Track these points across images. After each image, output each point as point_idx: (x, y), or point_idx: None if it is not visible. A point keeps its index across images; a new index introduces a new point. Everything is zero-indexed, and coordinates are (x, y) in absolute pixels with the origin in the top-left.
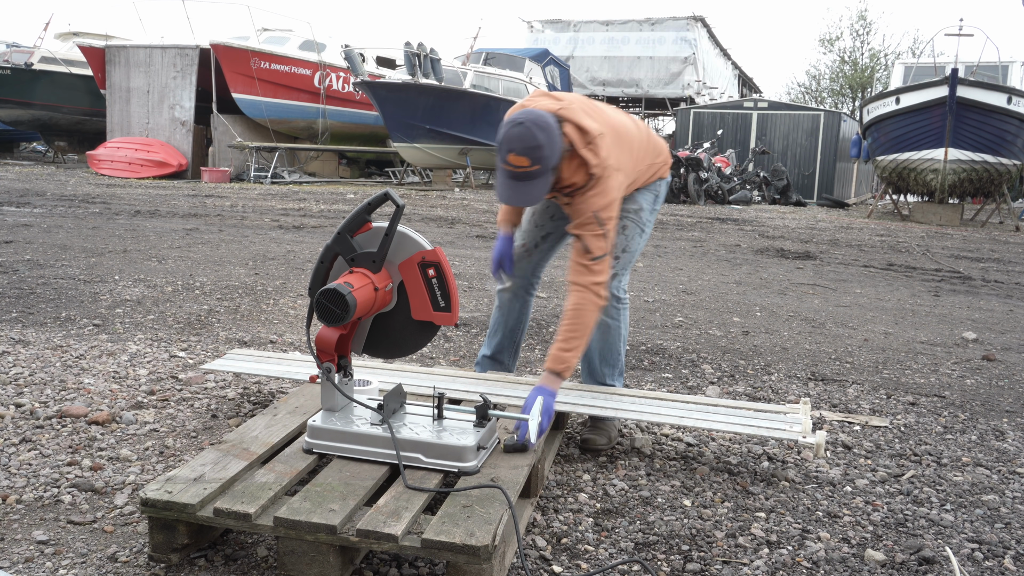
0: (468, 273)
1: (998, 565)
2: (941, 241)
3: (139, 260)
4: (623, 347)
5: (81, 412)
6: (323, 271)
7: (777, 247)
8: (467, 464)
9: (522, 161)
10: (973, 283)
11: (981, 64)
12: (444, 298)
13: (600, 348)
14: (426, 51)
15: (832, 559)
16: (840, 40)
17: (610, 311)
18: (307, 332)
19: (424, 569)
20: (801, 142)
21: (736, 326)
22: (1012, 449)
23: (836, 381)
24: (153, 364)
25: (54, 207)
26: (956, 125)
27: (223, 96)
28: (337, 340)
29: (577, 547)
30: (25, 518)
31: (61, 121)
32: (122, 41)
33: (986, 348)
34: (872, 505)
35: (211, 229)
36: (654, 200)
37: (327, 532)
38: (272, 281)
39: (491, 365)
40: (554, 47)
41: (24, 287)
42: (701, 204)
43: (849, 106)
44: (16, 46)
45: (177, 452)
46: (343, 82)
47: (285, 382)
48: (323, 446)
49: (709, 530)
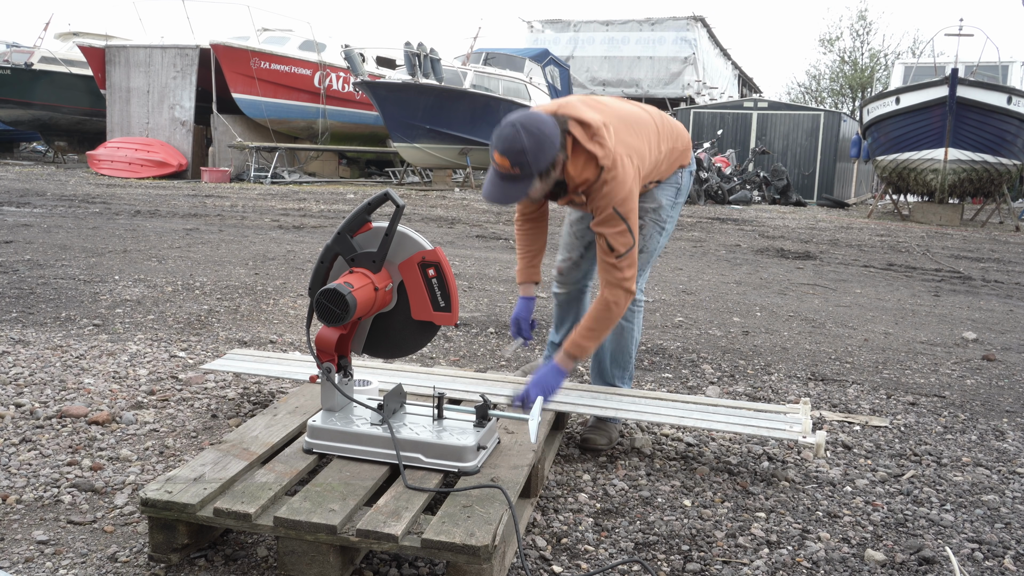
0: (468, 273)
1: (998, 565)
2: (941, 241)
3: (139, 260)
4: (635, 350)
5: (81, 412)
6: (323, 271)
7: (777, 247)
8: (467, 464)
9: (504, 162)
10: (973, 283)
11: (981, 64)
12: (444, 298)
13: (612, 349)
14: (426, 51)
15: (832, 559)
16: (840, 40)
17: (626, 312)
18: (307, 332)
19: (424, 569)
20: (801, 142)
21: (736, 326)
22: (1012, 449)
23: (836, 381)
24: (153, 364)
25: (54, 207)
26: (956, 125)
27: (223, 96)
28: (337, 340)
29: (577, 547)
30: (25, 518)
31: (61, 121)
32: (122, 41)
33: (986, 348)
34: (872, 505)
35: (211, 229)
36: (676, 194)
37: (327, 532)
38: (272, 281)
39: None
40: (554, 47)
41: (24, 287)
42: (701, 204)
43: (849, 106)
44: (16, 46)
45: (177, 452)
46: (343, 82)
47: (285, 382)
48: (323, 446)
49: (709, 530)
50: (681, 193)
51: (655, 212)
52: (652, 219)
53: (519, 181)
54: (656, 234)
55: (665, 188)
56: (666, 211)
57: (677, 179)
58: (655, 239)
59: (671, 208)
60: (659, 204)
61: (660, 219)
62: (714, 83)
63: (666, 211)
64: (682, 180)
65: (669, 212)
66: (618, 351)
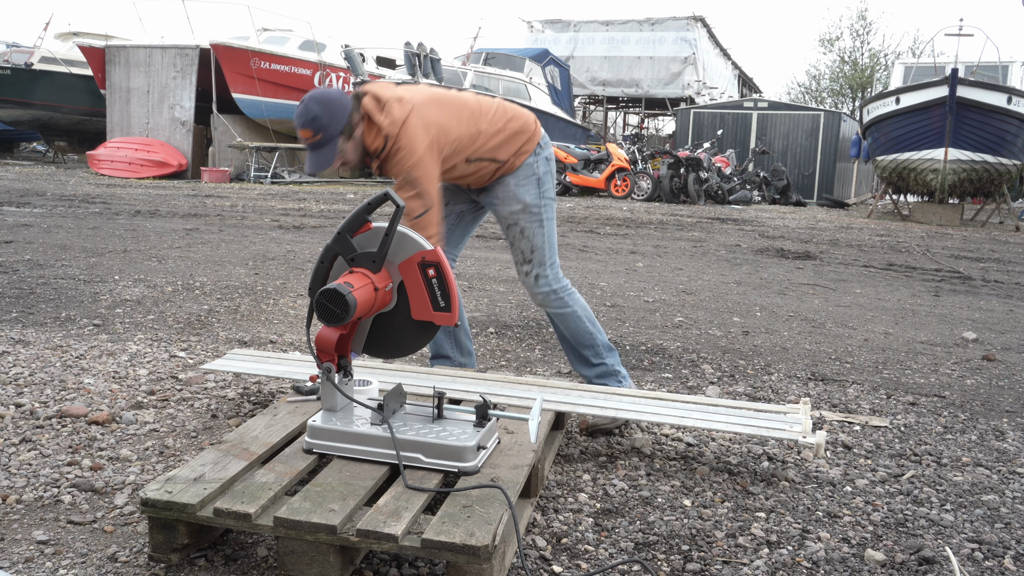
0: (468, 273)
1: (998, 565)
2: (941, 241)
3: (139, 260)
4: (592, 326)
5: (81, 412)
6: (323, 271)
7: (777, 247)
8: (467, 464)
9: (306, 133)
10: (973, 283)
11: (981, 64)
12: (444, 298)
13: (570, 336)
14: (426, 51)
15: (832, 559)
16: (840, 40)
17: (554, 304)
18: (307, 332)
19: (424, 569)
20: (801, 142)
21: (736, 326)
22: (1012, 449)
23: (836, 381)
24: (153, 364)
25: (54, 207)
26: (956, 125)
27: (223, 96)
28: (337, 340)
29: (577, 547)
30: (25, 518)
31: (61, 121)
32: (122, 41)
33: (986, 348)
34: (872, 505)
35: (211, 229)
36: (537, 185)
37: (327, 532)
38: (272, 281)
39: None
40: (554, 47)
41: (24, 287)
42: (701, 204)
43: (849, 106)
44: (16, 46)
45: (177, 452)
46: (343, 82)
47: (285, 382)
48: (323, 446)
49: (709, 530)
50: (544, 183)
51: (525, 211)
52: (526, 219)
53: (324, 145)
54: (538, 228)
55: (523, 185)
56: (535, 206)
57: (531, 170)
58: (539, 233)
59: (539, 199)
60: (524, 204)
61: (533, 215)
62: (714, 83)
63: (535, 206)
64: (538, 169)
65: (540, 204)
66: (574, 334)
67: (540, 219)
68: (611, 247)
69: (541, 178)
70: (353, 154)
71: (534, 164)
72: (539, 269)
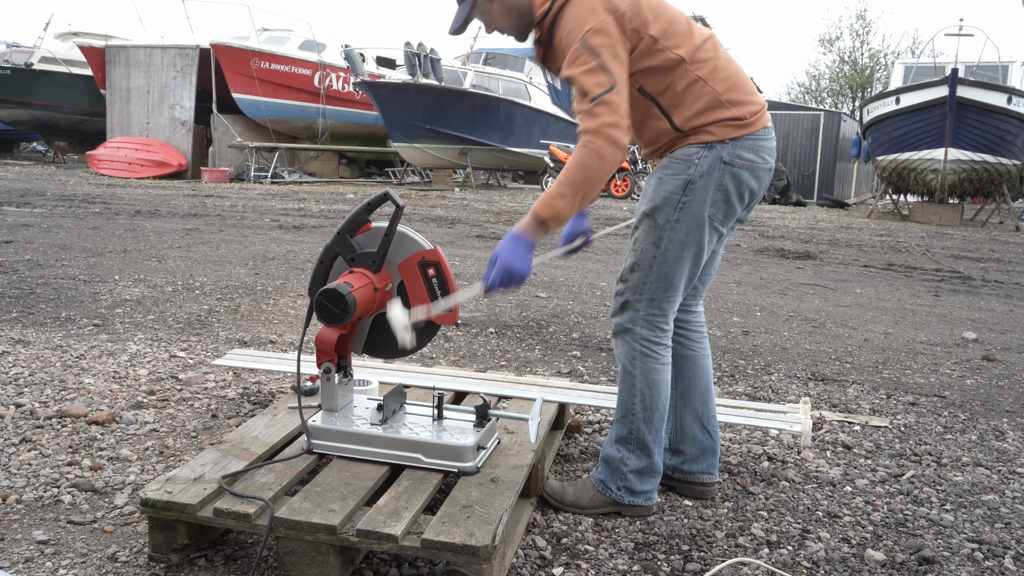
0: (468, 273)
1: (998, 565)
2: (941, 241)
3: (139, 260)
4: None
5: (81, 412)
6: (323, 271)
7: (777, 247)
8: (467, 464)
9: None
10: (973, 283)
11: (981, 64)
12: (444, 298)
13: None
14: (426, 51)
15: (832, 559)
16: (840, 40)
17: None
18: (303, 332)
19: (424, 569)
20: (801, 142)
21: (736, 326)
22: (1012, 449)
23: (836, 381)
24: (153, 364)
25: (54, 207)
26: (956, 125)
27: (223, 96)
28: (337, 340)
29: (577, 547)
30: (25, 518)
31: (61, 121)
32: (122, 41)
33: (986, 348)
34: (872, 505)
35: (211, 229)
36: (683, 189)
37: (327, 532)
38: (272, 281)
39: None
40: None
41: (24, 287)
42: None
43: (849, 106)
44: (16, 46)
45: (177, 452)
46: (343, 82)
47: (285, 382)
48: (323, 446)
49: (709, 530)
50: (696, 191)
51: (651, 215)
52: (646, 227)
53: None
54: (651, 246)
55: (666, 180)
56: (665, 213)
57: (687, 164)
58: (649, 253)
59: (674, 211)
60: (655, 205)
61: (657, 226)
62: None
63: (665, 213)
64: (702, 166)
65: (672, 218)
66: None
67: (662, 237)
68: (611, 247)
69: (694, 182)
70: (504, 18)
71: (697, 158)
72: (631, 295)
